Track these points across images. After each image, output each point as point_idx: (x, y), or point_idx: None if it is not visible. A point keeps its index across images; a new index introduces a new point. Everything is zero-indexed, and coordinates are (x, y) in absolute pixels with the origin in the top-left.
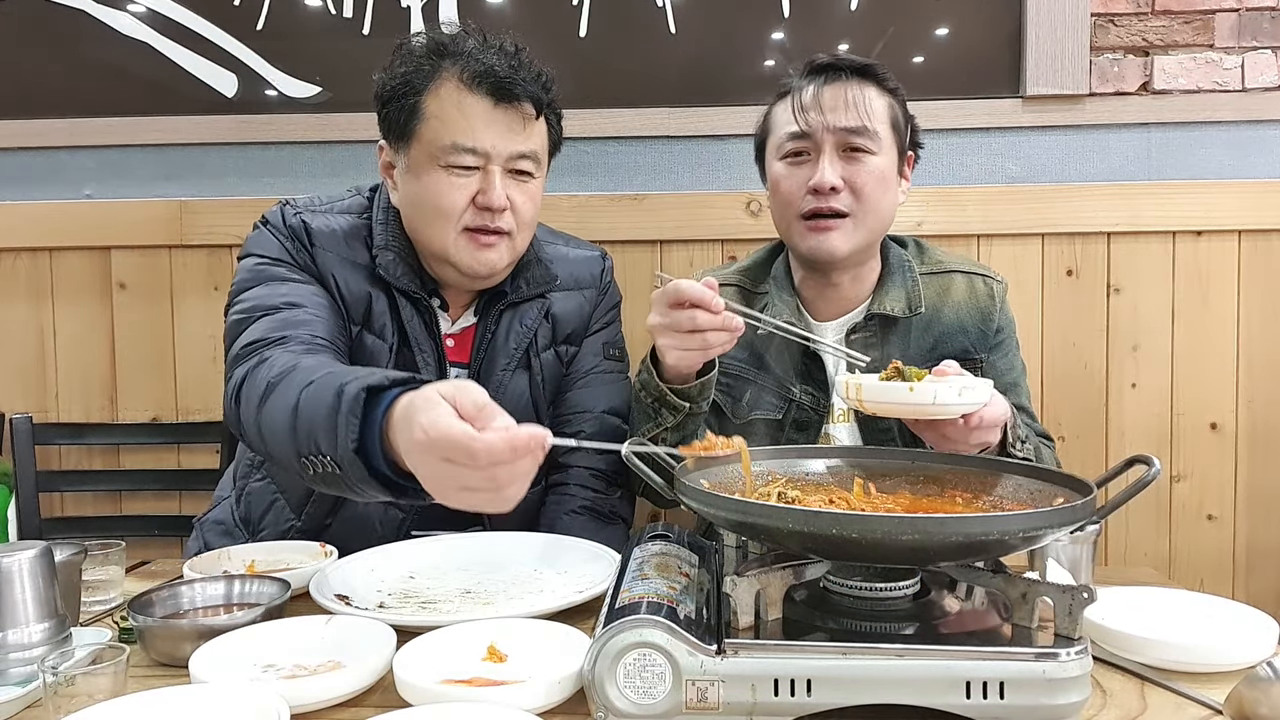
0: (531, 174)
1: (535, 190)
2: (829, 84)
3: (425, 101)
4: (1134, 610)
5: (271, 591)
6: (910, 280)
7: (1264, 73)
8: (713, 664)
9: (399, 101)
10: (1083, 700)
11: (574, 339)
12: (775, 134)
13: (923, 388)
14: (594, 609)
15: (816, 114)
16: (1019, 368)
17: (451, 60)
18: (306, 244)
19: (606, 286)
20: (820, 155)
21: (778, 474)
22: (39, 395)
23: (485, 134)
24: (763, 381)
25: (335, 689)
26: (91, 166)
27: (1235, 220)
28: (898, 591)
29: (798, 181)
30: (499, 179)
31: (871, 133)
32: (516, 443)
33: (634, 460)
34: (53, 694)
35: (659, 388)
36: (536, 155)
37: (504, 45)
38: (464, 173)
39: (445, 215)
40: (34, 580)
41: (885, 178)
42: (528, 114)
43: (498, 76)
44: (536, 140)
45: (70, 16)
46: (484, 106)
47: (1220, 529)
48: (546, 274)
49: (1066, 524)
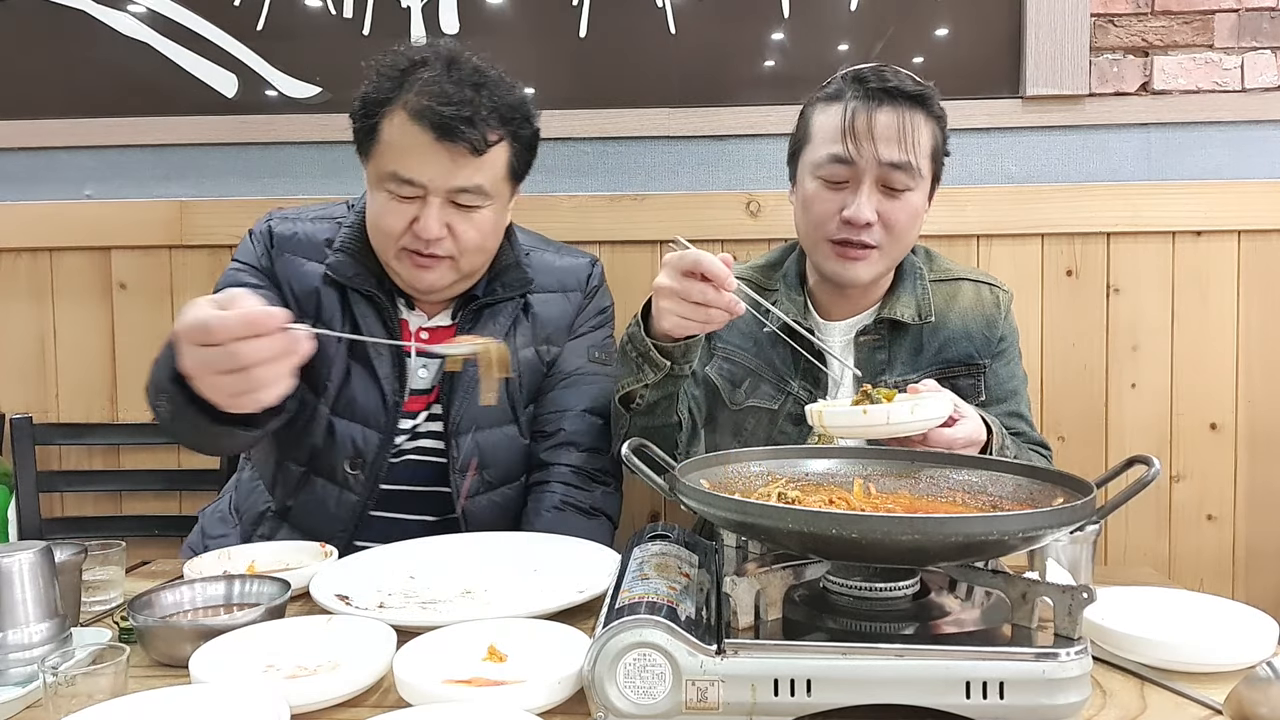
0: (478, 205)
1: (483, 218)
2: (881, 109)
3: (381, 124)
4: (1134, 610)
5: (271, 591)
6: (920, 288)
7: (1264, 73)
8: (713, 664)
9: (361, 120)
10: (1083, 700)
11: (556, 339)
12: (815, 147)
13: (875, 410)
14: (594, 609)
15: (867, 143)
16: (1020, 377)
17: (408, 88)
18: (269, 249)
19: (594, 290)
20: (860, 186)
21: (778, 474)
22: (39, 395)
23: (424, 168)
24: (762, 371)
25: (335, 689)
26: (91, 166)
27: (1235, 220)
28: (898, 591)
29: (832, 207)
30: (435, 210)
31: (914, 169)
32: (249, 316)
33: (633, 460)
34: (53, 694)
35: (645, 342)
36: (481, 189)
37: (465, 75)
38: (404, 200)
39: (385, 235)
40: (34, 580)
41: (918, 211)
42: (473, 152)
43: (441, 115)
44: (483, 174)
45: (70, 16)
46: (426, 140)
47: (1220, 529)
48: (523, 277)
49: (1066, 524)
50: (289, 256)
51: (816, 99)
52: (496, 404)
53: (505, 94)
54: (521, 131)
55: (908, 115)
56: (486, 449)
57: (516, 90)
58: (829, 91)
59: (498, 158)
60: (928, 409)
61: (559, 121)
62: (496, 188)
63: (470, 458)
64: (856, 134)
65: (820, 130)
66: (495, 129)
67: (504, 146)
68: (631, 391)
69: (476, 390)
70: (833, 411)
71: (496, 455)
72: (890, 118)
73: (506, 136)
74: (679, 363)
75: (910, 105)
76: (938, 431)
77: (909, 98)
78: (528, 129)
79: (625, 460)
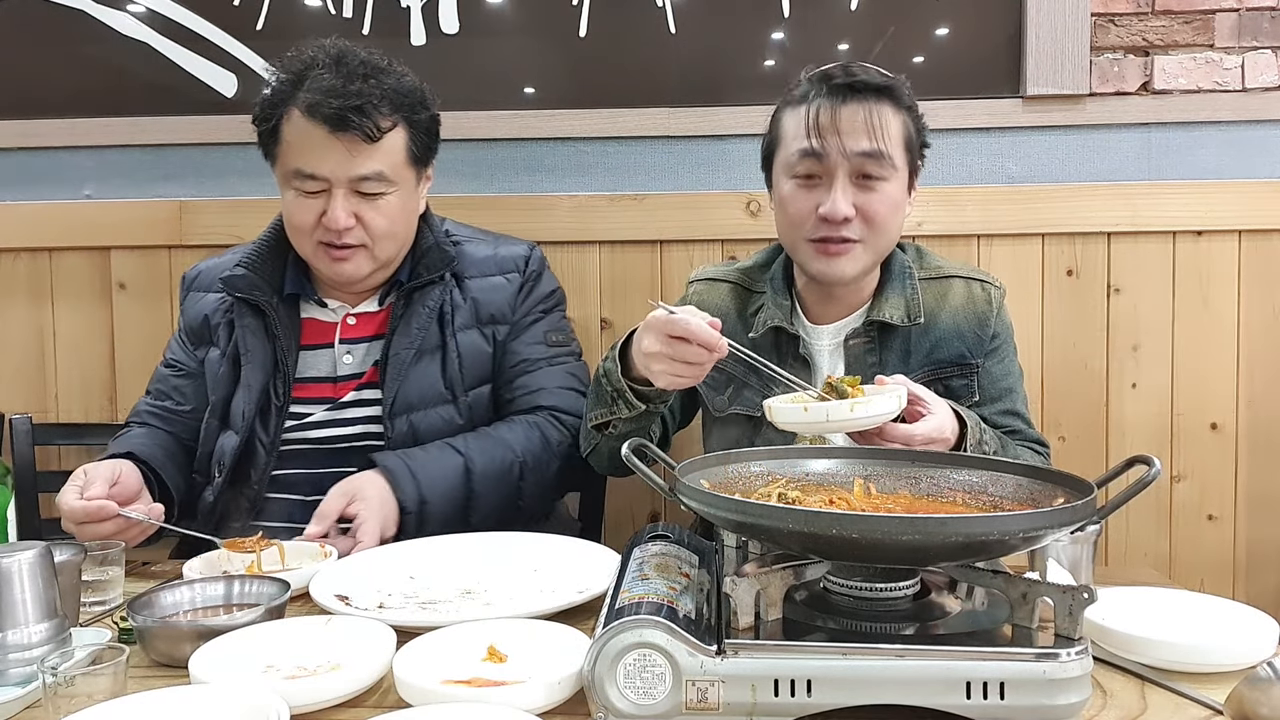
0: (382, 191)
1: (389, 204)
2: (846, 103)
3: (280, 126)
4: (1134, 610)
5: (271, 591)
6: (910, 288)
7: (1264, 73)
8: (713, 664)
9: (262, 124)
10: (1083, 701)
11: (501, 318)
12: (785, 147)
13: (816, 408)
14: (594, 609)
15: (833, 136)
16: (1015, 373)
17: (300, 88)
18: (184, 300)
19: (535, 274)
20: (833, 182)
21: (778, 474)
22: (39, 395)
23: (323, 161)
24: (746, 379)
25: (335, 689)
26: (91, 166)
27: (1235, 220)
28: (898, 592)
29: (808, 205)
30: (340, 201)
31: (886, 158)
32: (89, 509)
33: (633, 460)
34: (52, 694)
35: (621, 383)
36: (381, 175)
37: (354, 67)
38: (311, 195)
39: (299, 231)
40: (34, 580)
41: (897, 202)
42: (366, 139)
43: (332, 108)
44: (381, 160)
45: (70, 16)
46: (321, 134)
47: (1220, 529)
48: (445, 256)
49: (1067, 524)
50: (193, 294)
51: (785, 102)
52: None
53: (395, 81)
54: (416, 117)
55: (874, 107)
56: (422, 430)
57: (408, 78)
58: (796, 94)
59: (394, 143)
60: (870, 406)
61: (559, 121)
62: (398, 173)
63: (405, 438)
64: (822, 128)
65: (789, 130)
66: (387, 115)
67: (399, 132)
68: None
69: (405, 376)
70: (779, 407)
71: (431, 436)
72: (856, 110)
73: (400, 122)
74: (654, 403)
75: (877, 98)
76: (892, 426)
77: (875, 90)
78: (423, 113)
79: (625, 460)
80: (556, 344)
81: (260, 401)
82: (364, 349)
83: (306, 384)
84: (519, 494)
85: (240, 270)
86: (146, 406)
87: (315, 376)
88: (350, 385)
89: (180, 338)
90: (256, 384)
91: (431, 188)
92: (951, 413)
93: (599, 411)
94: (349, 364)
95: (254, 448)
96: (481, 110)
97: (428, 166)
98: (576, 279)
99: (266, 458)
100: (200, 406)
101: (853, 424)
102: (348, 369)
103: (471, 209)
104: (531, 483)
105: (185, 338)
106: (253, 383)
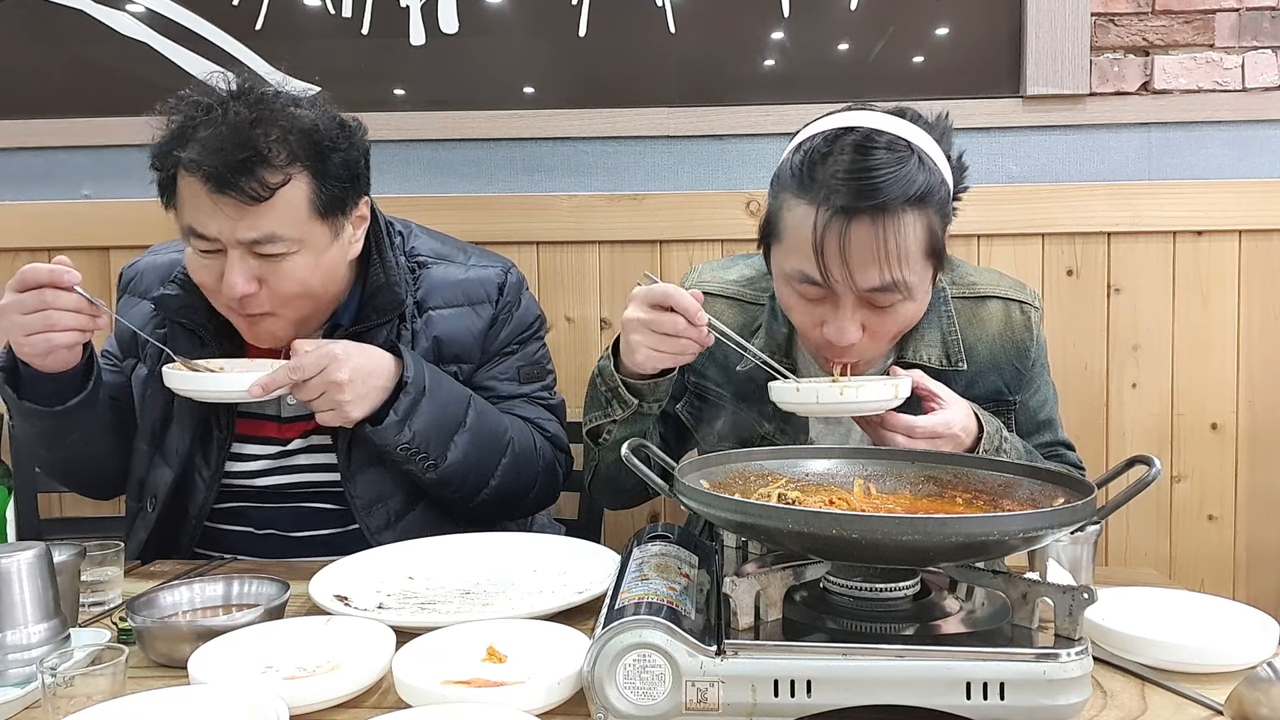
0: (283, 252)
1: (294, 266)
2: (858, 220)
3: (175, 177)
4: (1134, 611)
5: (271, 592)
6: (947, 318)
7: (1264, 72)
8: (712, 665)
9: (157, 173)
10: (1083, 701)
11: (467, 356)
12: (785, 253)
13: (808, 387)
14: (594, 609)
15: (839, 266)
16: (1052, 399)
17: (185, 141)
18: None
19: (509, 304)
20: (840, 306)
21: (778, 474)
22: None
23: (210, 222)
24: (735, 409)
25: (335, 689)
26: (91, 166)
27: (1235, 220)
28: (898, 592)
29: (811, 320)
30: (236, 264)
31: (900, 286)
32: (54, 268)
33: (633, 460)
34: (51, 695)
35: (614, 378)
36: (275, 236)
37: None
38: (206, 255)
39: (207, 291)
40: (33, 581)
41: (915, 314)
42: (251, 199)
43: (213, 167)
44: (273, 221)
45: (70, 16)
46: (204, 193)
47: (1221, 529)
48: (395, 299)
49: (1067, 524)
50: (128, 299)
51: (787, 181)
52: None
53: (294, 123)
54: (326, 161)
55: (891, 225)
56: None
57: (312, 116)
58: (800, 178)
59: (291, 198)
60: (860, 392)
61: (559, 121)
62: (299, 230)
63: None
64: (827, 260)
65: (789, 234)
66: (280, 168)
67: (299, 184)
68: (599, 426)
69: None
70: (776, 386)
71: (402, 484)
72: (867, 234)
73: (302, 171)
74: (647, 400)
75: (895, 211)
76: (893, 415)
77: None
78: (333, 157)
79: (625, 460)
80: (532, 378)
81: (199, 431)
82: None
83: (249, 419)
84: (497, 465)
85: (174, 290)
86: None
87: (258, 413)
88: (298, 429)
89: (113, 337)
90: (196, 414)
91: (432, 188)
92: (970, 413)
93: (593, 415)
94: (294, 405)
95: (192, 481)
96: (481, 110)
97: (345, 214)
98: (576, 279)
99: (206, 493)
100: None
101: (843, 408)
102: (293, 410)
103: (471, 209)
104: (512, 464)
105: (116, 340)
106: (188, 412)
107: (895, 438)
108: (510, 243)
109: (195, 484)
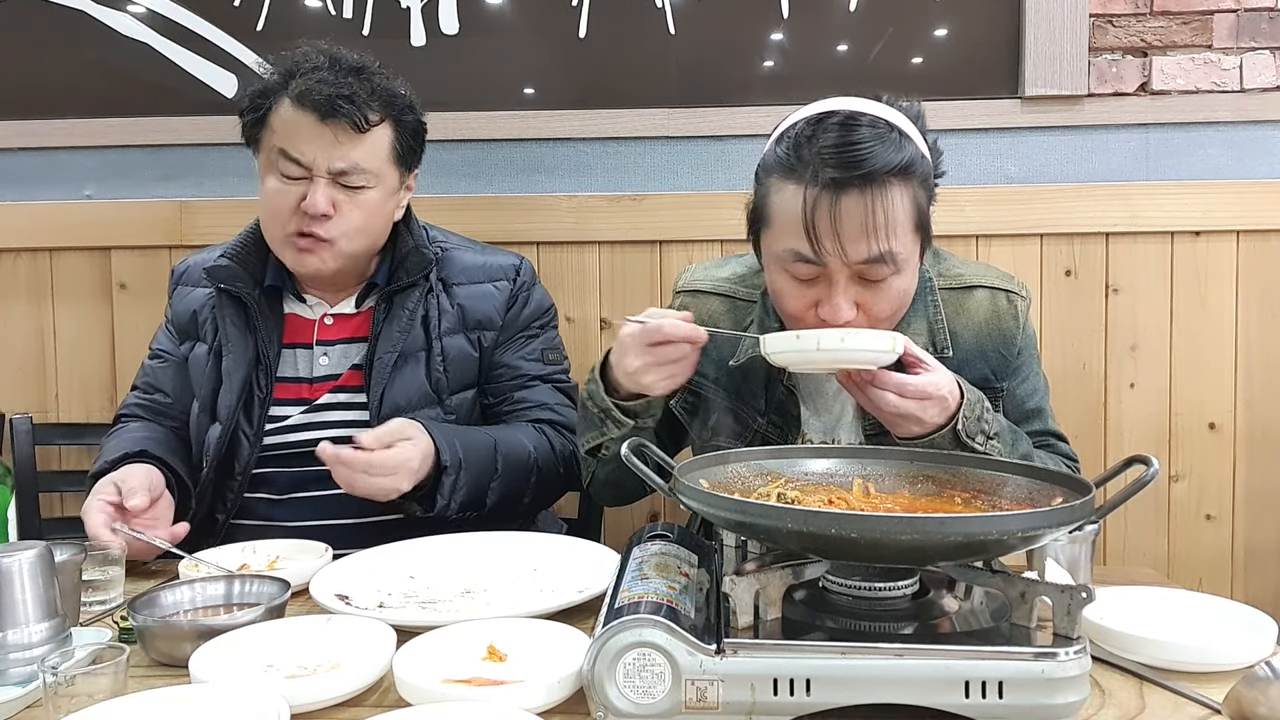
0: (363, 185)
1: (368, 199)
2: (846, 193)
3: (270, 114)
4: (1133, 610)
5: (271, 591)
6: (933, 306)
7: (1262, 73)
8: (712, 664)
9: (250, 114)
10: (1081, 700)
11: (489, 324)
12: (775, 236)
13: (808, 334)
14: (594, 609)
15: (830, 240)
16: (1041, 389)
17: (292, 79)
18: (171, 294)
19: (526, 285)
20: (833, 283)
21: (777, 474)
22: (39, 395)
23: (308, 146)
24: (729, 404)
25: (335, 689)
26: (91, 167)
27: (1234, 221)
28: (897, 591)
29: (804, 303)
30: (322, 187)
31: (892, 257)
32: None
33: (633, 460)
34: (53, 694)
35: (605, 401)
36: (362, 168)
37: (346, 64)
38: (292, 181)
39: (275, 216)
40: (34, 580)
41: (908, 290)
42: (354, 128)
43: (322, 94)
44: (365, 153)
45: (70, 17)
46: (309, 121)
47: (1219, 529)
48: (424, 260)
49: (1065, 524)
50: (181, 289)
51: (773, 167)
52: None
53: (386, 82)
54: (404, 118)
55: (879, 196)
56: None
57: (398, 82)
58: (786, 160)
59: (380, 139)
60: (861, 338)
61: (559, 121)
62: (380, 169)
63: None
64: (819, 233)
65: (779, 215)
66: (376, 111)
67: (386, 129)
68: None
69: (389, 381)
70: (771, 337)
71: None
72: (857, 205)
73: (388, 119)
74: (641, 418)
75: (881, 182)
76: (884, 373)
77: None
78: (410, 116)
79: (625, 460)
80: (553, 363)
81: (243, 393)
82: (340, 351)
83: (285, 383)
84: (527, 487)
85: (223, 261)
86: (137, 400)
87: (293, 376)
88: (326, 387)
89: (168, 328)
90: (238, 375)
91: (432, 189)
92: (954, 379)
93: (589, 435)
94: (325, 365)
95: (238, 439)
96: (481, 111)
97: (410, 172)
98: (576, 279)
99: (250, 449)
100: (185, 399)
101: (844, 355)
102: (323, 370)
103: (471, 209)
104: (539, 480)
105: (172, 329)
106: (234, 374)
107: (886, 395)
108: (510, 243)
109: (240, 442)
